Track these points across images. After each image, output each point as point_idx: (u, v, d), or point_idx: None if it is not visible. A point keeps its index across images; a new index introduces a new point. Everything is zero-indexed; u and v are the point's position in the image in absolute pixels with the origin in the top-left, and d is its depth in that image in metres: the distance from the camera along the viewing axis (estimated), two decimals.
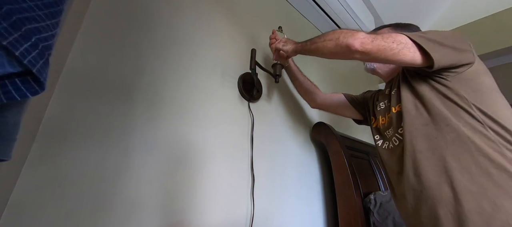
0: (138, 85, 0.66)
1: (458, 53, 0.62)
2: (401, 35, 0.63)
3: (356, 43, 0.64)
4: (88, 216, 0.52)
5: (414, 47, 0.62)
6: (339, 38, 0.68)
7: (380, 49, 0.62)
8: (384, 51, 0.62)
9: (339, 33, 0.69)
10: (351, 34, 0.66)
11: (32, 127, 0.49)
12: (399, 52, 0.62)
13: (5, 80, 0.24)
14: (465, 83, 0.62)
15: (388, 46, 0.62)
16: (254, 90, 0.96)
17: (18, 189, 0.46)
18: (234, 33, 1.00)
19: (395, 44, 0.62)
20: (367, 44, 0.63)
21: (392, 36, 0.63)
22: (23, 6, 0.24)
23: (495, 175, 0.54)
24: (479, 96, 0.61)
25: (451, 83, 0.63)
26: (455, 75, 0.63)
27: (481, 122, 0.59)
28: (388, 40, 0.62)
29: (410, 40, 0.62)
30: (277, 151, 1.02)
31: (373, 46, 0.63)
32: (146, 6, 0.74)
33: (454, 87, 0.62)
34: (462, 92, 0.62)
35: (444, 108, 0.63)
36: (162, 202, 0.63)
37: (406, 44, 0.62)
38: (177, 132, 0.71)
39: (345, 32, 0.68)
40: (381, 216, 0.96)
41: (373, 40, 0.63)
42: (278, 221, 0.91)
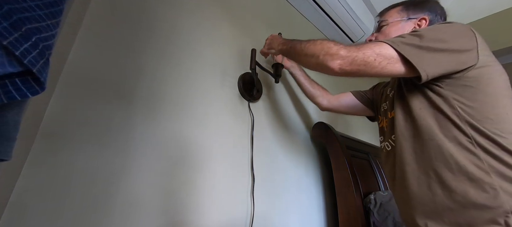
0: (138, 85, 0.66)
1: (455, 57, 0.56)
2: (384, 46, 0.57)
3: (334, 67, 0.60)
4: (88, 216, 0.52)
5: (399, 60, 0.56)
6: (319, 58, 0.63)
7: (360, 69, 0.58)
8: (365, 70, 0.58)
9: (320, 50, 0.63)
10: (330, 56, 0.60)
11: (32, 127, 0.49)
12: (382, 69, 0.57)
13: (6, 80, 0.24)
14: (461, 91, 0.56)
15: (369, 63, 0.57)
16: (254, 90, 0.96)
17: (18, 189, 0.46)
18: (234, 33, 1.00)
19: (377, 61, 0.57)
20: (345, 66, 0.59)
21: (374, 49, 0.57)
22: (23, 6, 0.24)
23: (473, 194, 0.51)
24: (476, 107, 0.55)
25: (445, 91, 0.57)
26: (452, 81, 0.57)
27: (470, 137, 0.54)
28: (369, 56, 0.57)
29: (395, 51, 0.56)
30: (277, 151, 1.02)
31: (353, 67, 0.58)
32: (146, 6, 0.74)
33: (448, 97, 0.57)
34: (456, 102, 0.56)
35: (432, 120, 0.59)
36: (162, 202, 0.63)
37: (390, 58, 0.57)
38: (177, 132, 0.71)
39: (325, 52, 0.62)
40: (381, 216, 0.96)
41: (352, 61, 0.58)
42: (278, 221, 0.91)
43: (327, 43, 0.63)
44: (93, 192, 0.54)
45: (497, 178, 0.50)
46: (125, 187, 0.58)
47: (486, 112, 0.54)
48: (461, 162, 0.53)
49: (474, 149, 0.53)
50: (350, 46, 0.60)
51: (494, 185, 0.50)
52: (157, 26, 0.75)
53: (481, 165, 0.52)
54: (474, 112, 0.54)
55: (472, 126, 0.54)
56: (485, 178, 0.51)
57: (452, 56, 0.55)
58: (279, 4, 1.33)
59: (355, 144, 1.25)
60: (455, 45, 0.56)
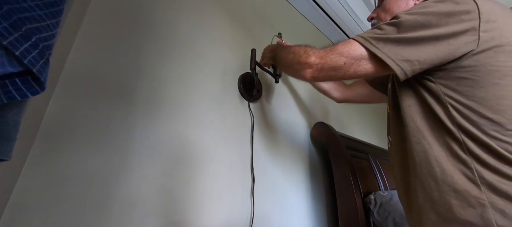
0: (138, 85, 0.66)
1: (443, 45, 0.45)
2: (354, 46, 0.52)
3: (306, 76, 0.57)
4: (88, 216, 0.52)
5: (372, 59, 0.50)
6: (293, 67, 0.61)
7: (332, 74, 0.54)
8: (337, 75, 0.54)
9: (292, 59, 0.61)
10: (300, 65, 0.58)
11: (32, 127, 0.49)
12: (355, 72, 0.52)
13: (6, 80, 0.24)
14: (455, 85, 0.47)
15: (339, 67, 0.52)
16: (254, 90, 0.96)
17: (18, 189, 0.46)
18: (234, 33, 1.00)
19: (347, 65, 0.52)
20: (316, 74, 0.56)
21: (342, 51, 0.52)
22: (23, 5, 0.24)
23: (456, 207, 0.45)
24: (472, 105, 0.45)
25: (435, 85, 0.49)
26: (444, 73, 0.48)
27: (461, 143, 0.46)
28: (337, 60, 0.52)
29: (365, 50, 0.51)
30: (277, 151, 1.02)
31: (324, 74, 0.55)
32: (146, 6, 0.74)
33: (438, 93, 0.48)
34: (447, 100, 0.47)
35: (421, 121, 0.51)
36: (162, 202, 0.63)
37: (360, 59, 0.51)
38: (177, 132, 0.71)
39: (297, 61, 0.59)
40: (381, 216, 0.96)
41: (321, 68, 0.54)
42: (278, 221, 0.91)
43: (299, 51, 0.60)
44: (93, 191, 0.54)
45: (488, 192, 0.42)
46: (125, 187, 0.58)
47: (486, 111, 0.44)
48: (447, 170, 0.46)
49: (464, 156, 0.45)
50: (322, 50, 0.56)
51: (483, 200, 0.42)
52: (157, 26, 0.75)
53: (470, 175, 0.44)
54: (469, 112, 0.45)
55: (464, 130, 0.45)
56: (473, 190, 0.43)
57: (438, 45, 0.46)
58: (279, 4, 1.33)
59: (355, 144, 1.25)
60: (442, 29, 0.45)
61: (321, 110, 1.37)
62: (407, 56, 0.47)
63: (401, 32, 0.48)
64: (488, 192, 0.42)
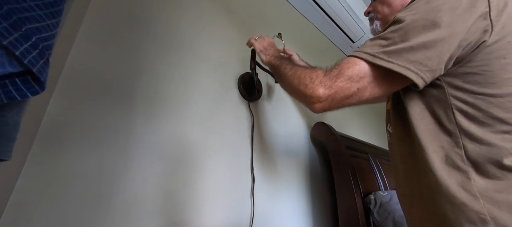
0: (137, 85, 0.66)
1: (463, 40, 0.40)
2: (361, 65, 0.45)
3: (316, 110, 0.51)
4: (88, 215, 0.52)
5: (387, 75, 0.44)
6: (298, 96, 0.55)
7: (344, 103, 0.48)
8: (350, 102, 0.48)
9: (297, 86, 0.54)
10: (309, 99, 0.50)
11: (32, 127, 0.49)
12: (371, 94, 0.46)
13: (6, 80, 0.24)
14: (462, 82, 0.42)
15: (352, 95, 0.46)
16: (254, 90, 0.96)
17: (18, 189, 0.46)
18: (234, 33, 1.00)
19: (361, 91, 0.45)
20: (327, 106, 0.49)
21: (351, 76, 0.46)
22: (23, 5, 0.24)
23: (454, 222, 0.40)
24: (479, 104, 0.40)
25: (441, 82, 0.44)
26: (453, 69, 0.43)
27: (460, 148, 0.41)
28: (347, 88, 0.46)
29: (376, 67, 0.44)
30: (277, 151, 1.02)
31: (336, 105, 0.49)
32: (147, 6, 0.74)
33: (444, 90, 0.44)
34: (452, 100, 0.43)
35: (420, 121, 0.46)
36: (162, 202, 0.63)
37: (373, 80, 0.45)
38: (177, 132, 0.71)
39: (302, 93, 0.52)
40: (381, 216, 0.95)
41: (332, 101, 0.48)
42: (278, 221, 0.91)
43: (305, 78, 0.52)
44: (93, 191, 0.54)
45: (489, 205, 0.37)
46: (125, 187, 0.58)
47: (495, 110, 0.39)
48: (441, 179, 0.41)
49: (462, 165, 0.40)
50: (327, 77, 0.48)
51: (484, 215, 0.37)
52: (157, 26, 0.75)
53: (467, 186, 0.39)
54: (477, 112, 0.40)
55: (467, 134, 0.40)
56: (471, 203, 0.38)
57: (454, 41, 0.40)
58: (279, 4, 1.33)
59: (355, 144, 1.25)
60: (456, 24, 0.40)
61: None
62: (430, 65, 0.41)
63: (413, 37, 0.42)
64: (489, 205, 0.37)
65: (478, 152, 0.39)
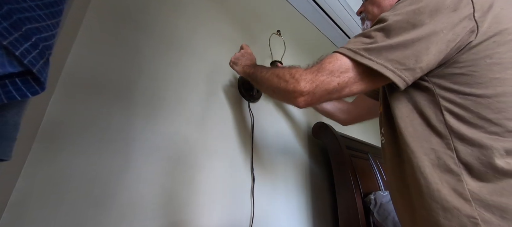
0: (138, 85, 0.66)
1: (444, 42, 0.40)
2: (343, 62, 0.46)
3: (300, 105, 0.51)
4: (88, 215, 0.52)
5: (368, 74, 0.45)
6: (280, 95, 0.55)
7: (325, 98, 0.49)
8: (333, 97, 0.49)
9: (277, 84, 0.54)
10: (290, 93, 0.51)
11: (32, 127, 0.49)
12: (351, 90, 0.47)
13: (6, 80, 0.24)
14: (450, 82, 0.42)
15: (333, 90, 0.47)
16: (254, 90, 0.96)
17: (18, 189, 0.46)
18: (234, 33, 1.00)
19: (340, 85, 0.46)
20: (309, 100, 0.49)
21: (332, 71, 0.46)
22: (23, 6, 0.24)
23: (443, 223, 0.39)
24: (468, 104, 0.40)
25: (429, 84, 0.44)
26: (439, 70, 0.43)
27: (452, 150, 0.40)
28: (328, 83, 0.46)
29: (356, 64, 0.45)
30: (277, 151, 1.02)
31: (319, 99, 0.49)
32: (147, 7, 0.74)
33: (433, 92, 0.43)
34: (441, 100, 0.42)
35: (408, 123, 0.45)
36: (162, 202, 0.63)
37: (352, 75, 0.46)
38: (177, 132, 0.71)
39: (283, 89, 0.52)
40: (381, 216, 0.95)
41: (313, 95, 0.48)
42: (278, 221, 0.91)
43: (284, 75, 0.52)
44: (93, 192, 0.54)
45: (480, 208, 0.36)
46: (125, 187, 0.58)
47: (484, 111, 0.39)
48: (433, 183, 0.40)
49: (455, 167, 0.39)
50: (309, 72, 0.49)
51: (475, 218, 0.36)
52: (157, 26, 0.74)
53: (459, 189, 0.38)
54: (465, 113, 0.40)
55: (457, 135, 0.40)
56: (464, 207, 0.37)
57: (436, 43, 0.40)
58: (279, 4, 1.33)
59: (355, 144, 1.25)
60: (436, 24, 0.40)
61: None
62: (407, 64, 0.41)
63: (393, 37, 0.43)
64: (480, 208, 0.36)
65: (470, 154, 0.39)
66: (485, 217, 0.36)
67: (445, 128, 0.41)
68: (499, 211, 0.35)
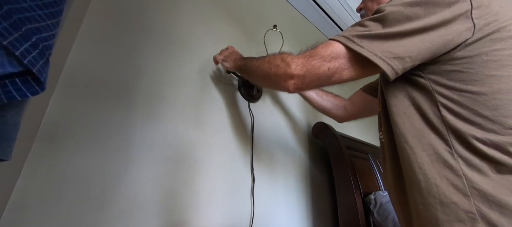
0: (138, 85, 0.66)
1: (433, 36, 0.40)
2: (336, 48, 0.47)
3: (289, 88, 0.52)
4: (88, 216, 0.52)
5: (359, 60, 0.45)
6: (271, 79, 0.55)
7: (315, 83, 0.49)
8: (322, 83, 0.49)
9: (268, 70, 0.54)
10: (280, 76, 0.52)
11: (32, 127, 0.49)
12: (341, 76, 0.47)
13: (5, 80, 0.24)
14: (446, 79, 0.42)
15: (323, 75, 0.47)
16: (254, 90, 0.96)
17: (18, 189, 0.46)
18: (233, 33, 1.00)
19: (331, 70, 0.47)
20: (300, 84, 0.50)
21: (324, 56, 0.47)
22: (23, 6, 0.24)
23: (443, 223, 0.39)
24: (464, 101, 0.40)
25: (425, 80, 0.44)
26: (434, 67, 0.43)
27: (450, 146, 0.40)
28: (319, 67, 0.47)
29: (348, 50, 0.46)
30: (277, 151, 1.02)
31: (309, 83, 0.50)
32: (146, 6, 0.74)
33: (428, 88, 0.43)
34: (437, 96, 0.42)
35: (406, 119, 0.46)
36: (162, 202, 0.63)
37: (344, 61, 0.46)
38: (177, 132, 0.71)
39: (274, 72, 0.53)
40: (381, 216, 0.95)
41: (304, 78, 0.49)
42: (278, 221, 0.91)
43: (275, 60, 0.54)
44: (93, 191, 0.54)
45: (479, 203, 0.36)
46: (125, 187, 0.58)
47: (480, 108, 0.39)
48: (431, 179, 0.41)
49: (452, 162, 0.39)
50: (301, 57, 0.50)
51: (473, 213, 0.36)
52: (156, 26, 0.74)
53: (458, 184, 0.38)
54: (462, 110, 0.40)
55: (454, 131, 0.40)
56: (462, 202, 0.37)
57: (428, 37, 0.40)
58: (279, 4, 1.33)
59: (355, 144, 1.25)
60: (431, 19, 0.40)
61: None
62: (396, 53, 0.42)
63: (387, 27, 0.43)
64: (479, 203, 0.36)
65: (467, 149, 0.39)
66: (484, 212, 0.36)
67: (442, 124, 0.41)
68: (498, 206, 0.35)
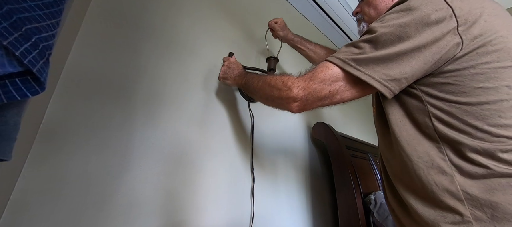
0: (138, 85, 0.66)
1: (429, 54, 0.42)
2: (334, 71, 0.48)
3: (293, 111, 0.54)
4: (88, 216, 0.52)
5: (357, 82, 0.47)
6: (274, 102, 0.58)
7: (317, 105, 0.52)
8: (323, 103, 0.51)
9: (270, 93, 0.57)
10: (283, 100, 0.54)
11: (32, 127, 0.49)
12: (342, 98, 0.49)
13: (5, 80, 0.24)
14: (437, 91, 0.44)
15: (325, 97, 0.49)
16: None
17: (18, 189, 0.46)
18: (234, 33, 1.00)
19: (331, 93, 0.49)
20: (303, 107, 0.53)
21: (324, 79, 0.49)
22: (23, 6, 0.24)
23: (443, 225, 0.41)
24: (454, 111, 0.42)
25: (417, 91, 0.46)
26: (424, 80, 0.45)
27: (443, 153, 0.42)
28: (320, 91, 0.49)
29: (347, 74, 0.47)
30: (277, 151, 1.02)
31: (310, 105, 0.52)
32: (146, 7, 0.74)
33: (422, 100, 0.45)
34: (429, 107, 0.44)
35: (402, 127, 0.47)
36: (162, 202, 0.63)
37: (343, 84, 0.48)
38: (177, 132, 0.71)
39: (277, 96, 0.56)
40: (381, 216, 0.95)
41: (306, 102, 0.51)
42: (278, 221, 0.91)
43: (277, 84, 0.56)
44: (93, 192, 0.54)
45: (472, 208, 0.38)
46: (125, 187, 0.58)
47: (469, 118, 0.41)
48: (427, 185, 0.43)
49: (447, 169, 0.41)
50: (301, 79, 0.52)
51: (468, 217, 0.39)
52: (157, 26, 0.75)
53: (453, 190, 0.40)
54: (453, 120, 0.42)
55: (446, 140, 0.42)
56: (456, 206, 0.40)
57: (421, 56, 0.43)
58: (279, 4, 1.33)
59: (355, 144, 1.25)
60: (422, 38, 0.42)
61: (320, 110, 1.37)
62: (392, 75, 0.44)
63: (380, 49, 0.45)
64: (473, 208, 0.38)
65: (459, 156, 0.41)
66: (477, 215, 0.38)
67: (435, 133, 0.43)
68: (489, 209, 0.37)
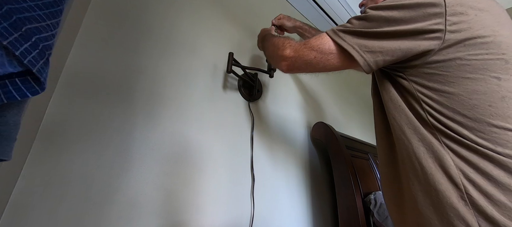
0: (138, 85, 0.66)
1: (407, 42, 0.45)
2: (324, 40, 0.54)
3: (282, 68, 0.61)
4: (88, 216, 0.52)
5: (341, 53, 0.52)
6: (273, 59, 0.67)
7: (303, 68, 0.57)
8: (309, 69, 0.57)
9: (272, 51, 0.66)
10: (278, 57, 0.62)
11: (32, 127, 0.49)
12: (326, 66, 0.54)
13: (5, 80, 0.24)
14: (425, 81, 0.45)
15: (310, 62, 0.55)
16: (254, 90, 0.96)
17: (18, 189, 0.46)
18: (234, 33, 1.00)
19: (317, 58, 0.54)
20: (291, 67, 0.59)
21: (313, 46, 0.55)
22: (23, 6, 0.24)
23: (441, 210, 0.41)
24: (443, 101, 0.43)
25: (407, 82, 0.48)
26: (412, 70, 0.47)
27: (439, 140, 0.43)
28: (308, 55, 0.55)
29: (333, 42, 0.53)
30: (277, 151, 1.02)
31: (298, 67, 0.58)
32: (146, 6, 0.74)
33: (412, 89, 0.47)
34: (420, 96, 0.46)
35: (399, 114, 0.49)
36: (162, 202, 0.63)
37: (330, 53, 0.53)
38: (177, 132, 0.71)
39: (274, 53, 0.64)
40: (381, 216, 0.95)
41: (294, 62, 0.58)
42: (278, 221, 0.91)
43: (278, 43, 0.64)
44: (93, 192, 0.54)
45: (469, 190, 0.39)
46: (125, 187, 0.58)
47: (458, 107, 0.42)
48: (427, 168, 0.43)
49: (444, 153, 0.42)
50: (298, 44, 0.59)
51: (464, 199, 0.39)
52: (157, 26, 0.75)
53: (450, 173, 0.41)
54: (442, 108, 0.43)
55: (438, 128, 0.43)
56: (454, 190, 0.40)
57: (399, 40, 0.46)
58: (279, 4, 1.33)
59: (355, 144, 1.25)
60: (405, 26, 0.45)
61: (320, 110, 1.37)
62: (371, 47, 0.48)
63: (366, 27, 0.50)
64: (469, 191, 0.39)
65: (454, 142, 0.42)
66: (473, 199, 0.39)
67: (429, 121, 0.45)
68: (484, 193, 0.38)
